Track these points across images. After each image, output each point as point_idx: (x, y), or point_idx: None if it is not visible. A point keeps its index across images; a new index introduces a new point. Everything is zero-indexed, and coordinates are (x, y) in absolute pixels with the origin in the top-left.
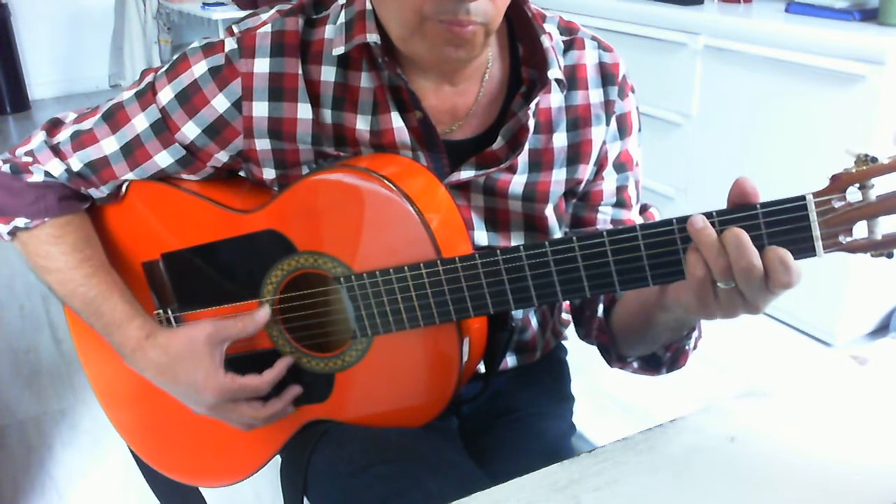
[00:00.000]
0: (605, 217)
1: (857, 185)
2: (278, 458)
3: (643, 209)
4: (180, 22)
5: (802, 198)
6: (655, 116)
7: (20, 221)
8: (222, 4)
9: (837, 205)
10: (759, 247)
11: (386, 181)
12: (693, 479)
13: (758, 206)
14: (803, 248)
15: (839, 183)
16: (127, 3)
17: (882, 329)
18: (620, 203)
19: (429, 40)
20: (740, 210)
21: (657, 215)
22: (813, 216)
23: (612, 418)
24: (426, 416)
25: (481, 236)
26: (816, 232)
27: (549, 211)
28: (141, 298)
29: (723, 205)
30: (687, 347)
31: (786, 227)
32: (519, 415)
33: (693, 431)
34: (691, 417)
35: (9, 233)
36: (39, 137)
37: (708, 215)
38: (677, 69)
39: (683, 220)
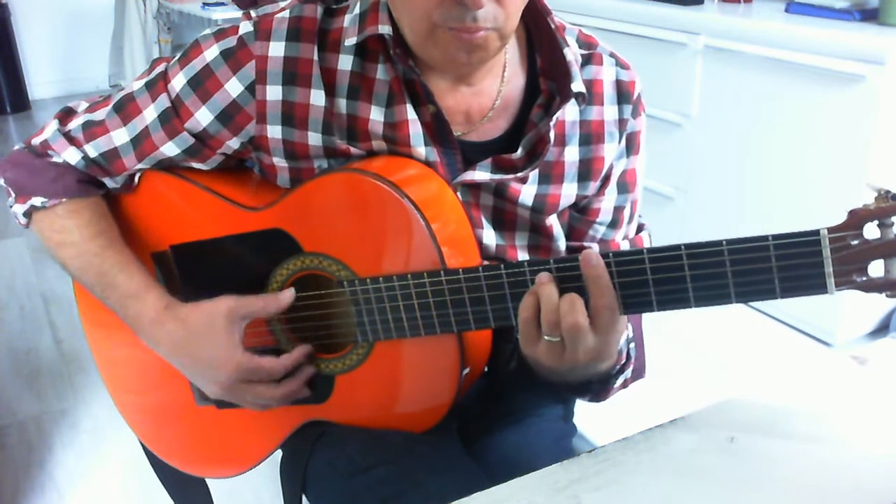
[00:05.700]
0: (594, 234)
1: (876, 221)
2: (278, 458)
3: (639, 229)
4: (180, 22)
5: (816, 232)
6: (655, 116)
7: (37, 200)
8: (222, 4)
9: (853, 242)
10: (768, 279)
11: (395, 188)
12: (693, 479)
13: (769, 237)
14: (814, 285)
15: (856, 219)
16: (127, 3)
17: (882, 329)
18: (614, 223)
19: (441, 46)
20: (751, 241)
21: (646, 239)
22: (826, 252)
23: (612, 418)
24: (425, 423)
25: (489, 235)
26: (829, 269)
27: (552, 220)
28: None
29: (722, 204)
30: (610, 385)
31: (797, 261)
32: (519, 415)
33: (693, 431)
34: (691, 417)
35: (24, 213)
36: (52, 126)
37: (716, 243)
38: (677, 69)
39: (692, 246)
